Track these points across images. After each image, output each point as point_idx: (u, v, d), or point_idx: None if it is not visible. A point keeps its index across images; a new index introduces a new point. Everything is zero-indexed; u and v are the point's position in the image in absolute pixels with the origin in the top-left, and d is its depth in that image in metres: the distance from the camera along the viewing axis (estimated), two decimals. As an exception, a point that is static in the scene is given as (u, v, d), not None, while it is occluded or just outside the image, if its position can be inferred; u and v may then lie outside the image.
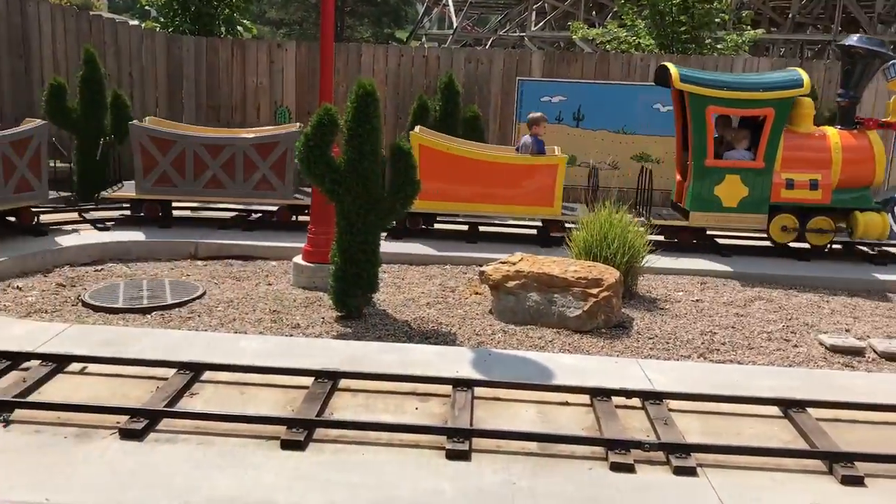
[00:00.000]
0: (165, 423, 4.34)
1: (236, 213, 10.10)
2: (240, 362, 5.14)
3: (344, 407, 4.68)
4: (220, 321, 6.35)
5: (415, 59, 12.14)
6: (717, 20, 14.38)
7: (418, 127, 9.73)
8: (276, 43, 12.71)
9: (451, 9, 32.98)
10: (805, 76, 8.92)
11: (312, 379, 4.91)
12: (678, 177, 9.79)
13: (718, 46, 14.53)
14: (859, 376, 5.68)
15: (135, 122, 9.57)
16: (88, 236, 8.73)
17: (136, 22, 15.24)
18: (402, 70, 12.06)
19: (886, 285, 8.34)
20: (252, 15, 18.76)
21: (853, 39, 9.21)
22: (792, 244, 9.40)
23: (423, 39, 33.68)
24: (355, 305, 6.43)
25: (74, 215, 9.66)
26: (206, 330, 6.14)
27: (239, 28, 14.66)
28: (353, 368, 5.12)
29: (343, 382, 4.95)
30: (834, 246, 9.56)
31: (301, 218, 9.55)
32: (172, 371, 4.96)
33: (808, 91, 8.93)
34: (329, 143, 6.13)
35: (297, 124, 9.96)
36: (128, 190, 9.53)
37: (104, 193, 9.57)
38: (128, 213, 9.53)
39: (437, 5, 36.02)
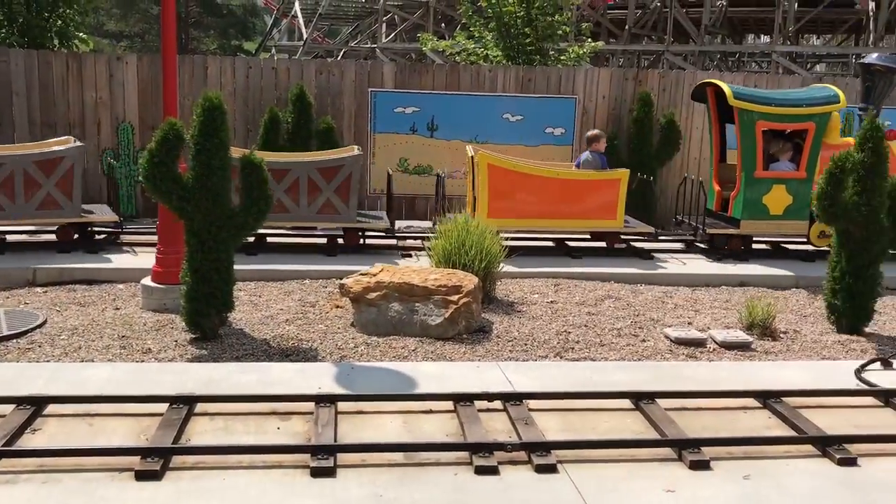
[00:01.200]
0: (3, 464, 4.03)
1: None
2: (87, 392, 4.86)
3: (202, 432, 4.52)
4: (63, 350, 5.98)
5: (264, 71, 11.92)
6: (559, 32, 14.97)
7: (470, 146, 9.89)
8: (115, 56, 12.14)
9: (301, 20, 32.64)
10: (840, 92, 9.71)
11: (167, 405, 4.70)
12: (717, 187, 10.31)
13: (562, 58, 15.13)
14: (702, 366, 6.05)
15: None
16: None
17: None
18: (250, 82, 11.81)
19: (724, 279, 8.94)
20: (88, 27, 17.86)
21: (873, 57, 10.00)
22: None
23: (273, 51, 33.15)
24: (210, 326, 6.23)
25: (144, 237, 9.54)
26: (48, 361, 5.76)
27: (74, 41, 13.90)
28: (209, 391, 4.96)
29: (200, 407, 4.77)
30: (676, 245, 10.15)
31: (368, 241, 9.62)
32: (10, 407, 4.61)
33: (844, 106, 9.68)
34: (175, 158, 5.92)
35: (356, 147, 9.77)
36: None
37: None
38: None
39: (285, 17, 35.55)
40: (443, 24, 30.12)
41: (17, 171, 8.65)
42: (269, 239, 9.46)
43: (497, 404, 4.93)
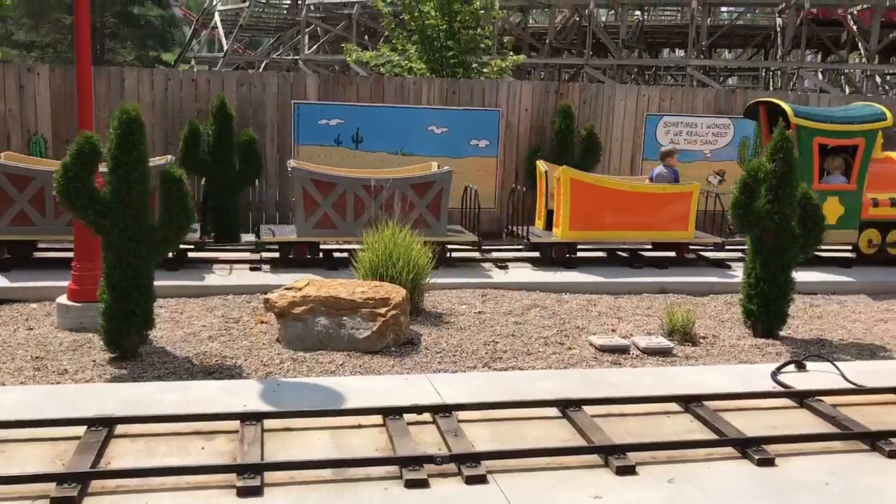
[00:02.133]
0: None
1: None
2: (-3, 418, 4.64)
3: (122, 455, 4.37)
4: (-29, 374, 5.71)
5: (183, 82, 11.66)
6: (481, 46, 15.11)
7: (542, 162, 10.55)
8: (25, 66, 11.70)
9: (221, 31, 32.16)
10: (886, 110, 10.28)
11: (85, 428, 4.53)
12: None
13: (484, 70, 15.28)
14: (626, 372, 6.17)
15: (294, 164, 9.39)
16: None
17: None
18: (170, 94, 11.54)
19: (643, 286, 9.15)
20: (-4, 36, 17.19)
21: None
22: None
23: (193, 63, 32.54)
24: (129, 345, 6.04)
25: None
26: (-46, 385, 5.49)
27: (-19, 51, 13.36)
28: (130, 412, 4.80)
29: (120, 428, 4.62)
30: (599, 254, 10.35)
31: (455, 254, 9.86)
32: (-86, 436, 4.38)
33: (891, 123, 10.23)
34: (91, 172, 5.74)
35: (434, 163, 9.92)
36: (288, 233, 9.49)
37: (261, 238, 9.46)
38: (276, 255, 9.45)
39: (205, 28, 34.97)
40: (366, 37, 30.10)
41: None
42: (189, 254, 9.27)
43: (426, 417, 4.92)
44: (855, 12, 26.88)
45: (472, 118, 12.23)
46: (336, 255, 9.66)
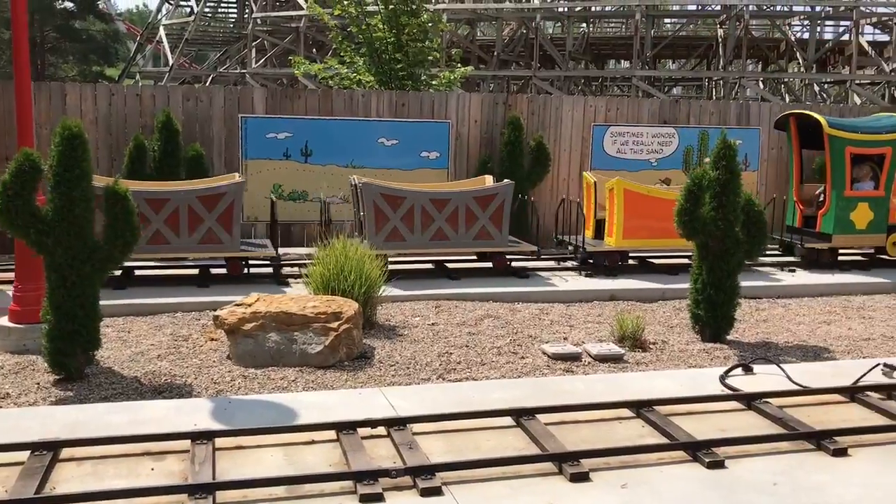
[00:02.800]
0: None
1: None
2: (-64, 446, 4.49)
3: (68, 479, 4.26)
4: None
5: (128, 98, 11.48)
6: (429, 58, 15.16)
7: (588, 173, 10.92)
8: (-38, 83, 11.41)
9: (166, 45, 31.71)
10: None
11: (28, 453, 4.41)
12: (799, 206, 11.29)
13: (433, 83, 15.33)
14: (578, 380, 6.22)
15: (365, 180, 9.52)
16: None
17: None
18: (113, 110, 11.35)
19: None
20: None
21: None
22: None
23: (138, 77, 32.02)
24: (75, 366, 5.90)
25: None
26: None
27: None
28: (76, 435, 4.69)
29: (66, 452, 4.51)
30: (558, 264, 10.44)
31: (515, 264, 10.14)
32: None
33: None
34: (32, 190, 5.61)
35: (489, 177, 10.26)
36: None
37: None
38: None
39: (150, 42, 34.47)
40: (314, 50, 29.98)
41: None
42: (136, 272, 9.11)
43: (381, 430, 4.90)
44: None
45: (422, 130, 12.27)
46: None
